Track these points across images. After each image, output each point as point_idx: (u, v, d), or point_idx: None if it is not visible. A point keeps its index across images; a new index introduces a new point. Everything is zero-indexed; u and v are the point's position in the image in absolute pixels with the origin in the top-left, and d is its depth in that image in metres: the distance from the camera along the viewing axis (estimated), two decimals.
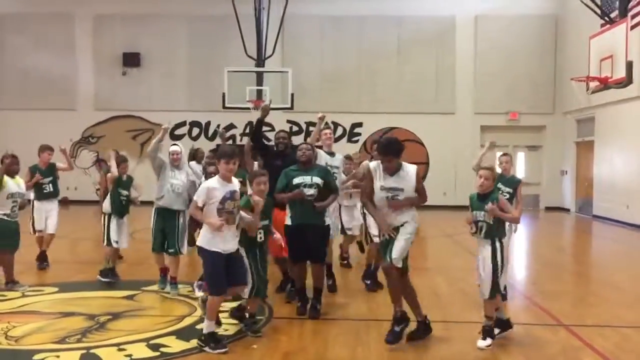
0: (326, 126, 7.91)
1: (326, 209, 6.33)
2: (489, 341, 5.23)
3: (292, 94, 17.32)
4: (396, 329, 5.27)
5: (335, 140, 7.96)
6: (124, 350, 5.03)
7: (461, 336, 5.59)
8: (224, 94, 17.14)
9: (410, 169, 5.30)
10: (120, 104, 20.69)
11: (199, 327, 5.51)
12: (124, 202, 7.77)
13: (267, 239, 5.68)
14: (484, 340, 5.23)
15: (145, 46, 20.67)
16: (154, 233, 7.19)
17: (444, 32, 20.36)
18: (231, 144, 18.53)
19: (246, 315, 5.66)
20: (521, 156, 20.65)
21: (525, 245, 12.32)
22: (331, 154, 7.46)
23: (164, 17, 20.45)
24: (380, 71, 20.30)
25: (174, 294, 7.08)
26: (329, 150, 7.50)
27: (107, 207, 7.79)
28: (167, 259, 7.27)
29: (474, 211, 5.28)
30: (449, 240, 12.83)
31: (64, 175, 9.15)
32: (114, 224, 7.75)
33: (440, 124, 20.11)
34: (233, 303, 5.96)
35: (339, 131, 20.01)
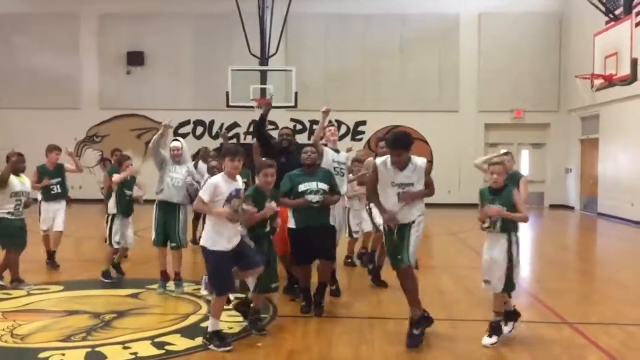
0: (330, 124, 7.91)
1: (331, 210, 6.33)
2: (494, 339, 5.20)
3: (295, 93, 17.30)
4: (415, 331, 5.16)
5: (339, 138, 7.93)
6: (129, 348, 5.04)
7: (466, 334, 5.59)
8: (227, 92, 17.14)
9: (420, 162, 5.25)
10: (124, 102, 20.75)
11: (203, 325, 5.52)
12: (128, 200, 7.83)
13: (272, 230, 5.64)
14: (490, 338, 5.21)
15: (149, 45, 20.71)
16: (155, 227, 7.17)
17: (447, 30, 20.32)
18: (235, 142, 18.54)
19: (250, 311, 5.62)
20: (525, 154, 20.62)
21: (530, 243, 12.29)
22: (335, 150, 7.47)
23: (168, 16, 20.49)
24: (383, 69, 20.28)
25: (178, 291, 7.08)
26: (334, 146, 7.49)
27: (112, 208, 7.80)
28: (170, 255, 7.23)
29: (489, 205, 5.19)
30: (453, 238, 12.81)
31: (68, 174, 9.13)
32: (117, 224, 7.77)
33: (444, 122, 20.07)
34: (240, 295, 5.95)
35: (343, 129, 19.98)
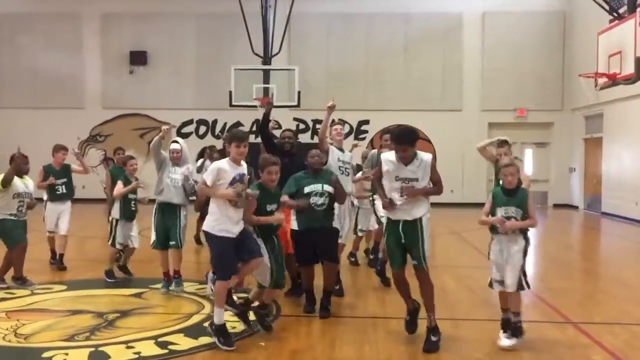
0: (339, 121, 7.83)
1: (334, 213, 6.32)
2: (514, 341, 5.06)
3: (298, 92, 17.29)
4: (433, 338, 5.07)
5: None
6: (132, 347, 5.05)
7: (469, 334, 5.58)
8: (230, 92, 17.15)
9: (426, 158, 5.16)
10: (127, 102, 20.77)
11: (206, 324, 5.51)
12: (133, 206, 7.78)
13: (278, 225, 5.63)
14: (509, 340, 5.05)
15: (152, 44, 20.74)
16: (155, 229, 7.16)
17: (451, 29, 20.30)
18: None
19: (250, 310, 5.59)
20: (529, 153, 20.58)
21: (533, 243, 12.21)
22: (341, 149, 7.44)
23: (171, 15, 20.51)
24: (387, 68, 20.27)
25: (178, 290, 7.08)
26: (339, 146, 7.45)
27: (116, 214, 7.75)
28: (170, 254, 7.21)
29: (502, 207, 5.13)
30: (456, 237, 12.79)
31: (74, 174, 9.06)
32: (120, 227, 7.73)
33: (447, 121, 20.05)
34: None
35: (346, 129, 19.92)
